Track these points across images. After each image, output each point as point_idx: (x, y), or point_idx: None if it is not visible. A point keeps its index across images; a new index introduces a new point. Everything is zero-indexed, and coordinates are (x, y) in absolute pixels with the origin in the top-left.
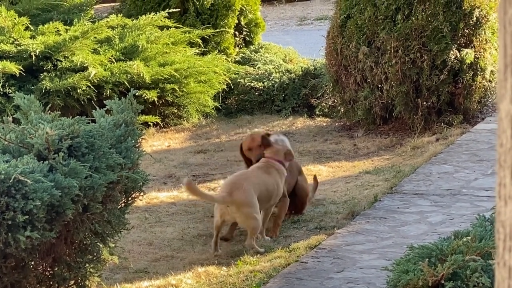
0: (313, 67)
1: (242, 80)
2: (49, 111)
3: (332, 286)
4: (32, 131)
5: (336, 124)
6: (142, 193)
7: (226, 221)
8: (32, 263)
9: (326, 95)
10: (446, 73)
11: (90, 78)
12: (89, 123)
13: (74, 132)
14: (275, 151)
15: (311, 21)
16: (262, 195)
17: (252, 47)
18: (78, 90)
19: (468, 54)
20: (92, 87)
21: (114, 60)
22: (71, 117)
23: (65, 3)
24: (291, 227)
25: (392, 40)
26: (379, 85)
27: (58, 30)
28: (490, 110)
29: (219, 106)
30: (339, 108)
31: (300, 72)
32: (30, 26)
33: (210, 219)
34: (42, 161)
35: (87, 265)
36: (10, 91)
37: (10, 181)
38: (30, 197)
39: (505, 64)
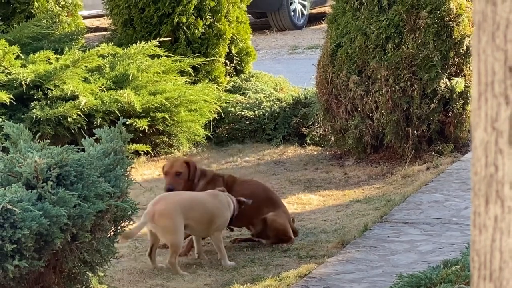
0: (303, 96)
1: (233, 109)
2: (38, 140)
3: None
4: (21, 160)
5: (327, 152)
6: (131, 222)
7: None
8: None
9: (316, 123)
10: (437, 102)
11: (80, 107)
12: (78, 151)
13: (63, 160)
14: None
15: (302, 50)
16: (196, 214)
17: (243, 76)
18: (69, 119)
19: (459, 83)
20: (82, 115)
21: (104, 89)
22: (61, 145)
23: (56, 32)
24: (281, 256)
25: (382, 69)
26: (370, 114)
27: (48, 59)
28: None
29: (209, 135)
30: (329, 136)
31: (291, 101)
32: (20, 54)
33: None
34: (30, 190)
35: None
36: (0, 119)
37: None
38: (18, 226)
39: (479, 92)
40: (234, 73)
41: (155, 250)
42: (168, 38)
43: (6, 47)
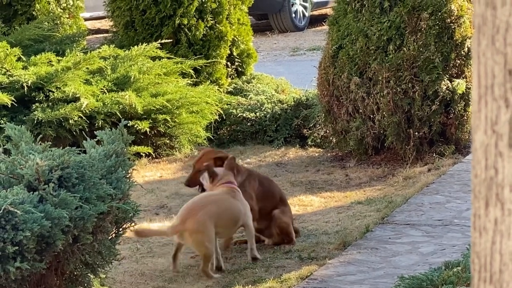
0: (305, 98)
1: (234, 111)
2: (39, 142)
3: None
4: (23, 162)
5: (328, 154)
6: (133, 224)
7: (182, 243)
8: None
9: (318, 125)
10: (438, 103)
11: (82, 108)
12: (79, 153)
13: (65, 162)
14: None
15: (304, 51)
16: (223, 221)
17: (244, 77)
18: (70, 121)
19: (460, 85)
20: (84, 117)
21: (106, 91)
22: (62, 147)
23: (58, 34)
24: (283, 257)
25: (383, 70)
26: (371, 116)
27: (50, 61)
28: None
29: (211, 136)
30: (331, 138)
31: (292, 103)
32: (22, 56)
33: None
34: (32, 192)
35: None
36: (2, 121)
37: (0, 212)
38: (20, 228)
39: (479, 95)
40: (236, 74)
41: (179, 253)
42: (169, 40)
43: (7, 49)
